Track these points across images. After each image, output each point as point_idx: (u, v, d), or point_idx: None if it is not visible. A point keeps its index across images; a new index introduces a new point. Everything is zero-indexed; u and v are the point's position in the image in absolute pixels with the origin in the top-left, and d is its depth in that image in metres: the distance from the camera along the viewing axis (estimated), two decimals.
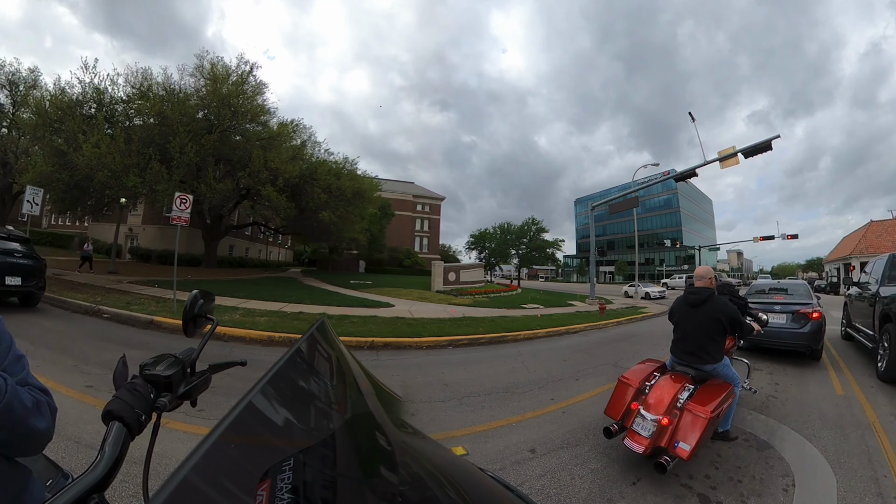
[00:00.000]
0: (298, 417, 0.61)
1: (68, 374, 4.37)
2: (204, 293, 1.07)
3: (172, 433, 3.13)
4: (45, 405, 0.82)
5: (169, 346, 5.20)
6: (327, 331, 0.85)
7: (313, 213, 20.54)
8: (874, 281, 7.32)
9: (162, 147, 15.64)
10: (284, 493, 0.47)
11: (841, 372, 6.39)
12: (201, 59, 18.34)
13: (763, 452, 3.39)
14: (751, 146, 15.74)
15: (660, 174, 27.84)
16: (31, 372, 0.91)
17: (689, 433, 2.76)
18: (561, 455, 3.27)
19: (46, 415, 0.81)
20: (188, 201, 9.63)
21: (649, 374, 3.43)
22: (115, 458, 0.66)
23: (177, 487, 0.32)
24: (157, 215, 28.88)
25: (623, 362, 6.71)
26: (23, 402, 0.74)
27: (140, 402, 0.76)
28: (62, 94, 16.04)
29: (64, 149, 14.73)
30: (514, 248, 45.29)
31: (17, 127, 24.72)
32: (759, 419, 4.18)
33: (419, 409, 4.23)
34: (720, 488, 2.80)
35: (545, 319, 11.63)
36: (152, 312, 8.17)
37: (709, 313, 3.38)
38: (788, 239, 35.96)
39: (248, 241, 41.59)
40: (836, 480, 2.94)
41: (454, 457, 1.05)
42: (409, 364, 6.27)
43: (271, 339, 7.06)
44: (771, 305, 7.19)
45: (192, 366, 0.92)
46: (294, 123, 21.92)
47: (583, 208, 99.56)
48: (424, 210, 61.46)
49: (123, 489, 2.25)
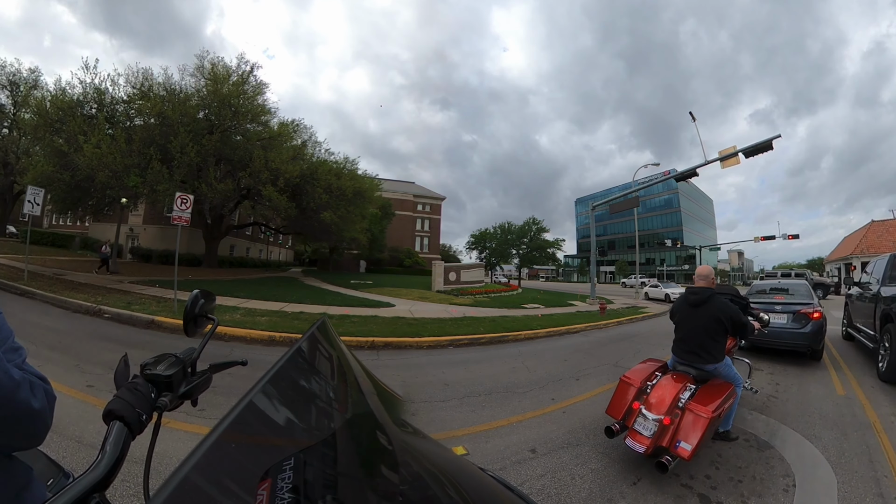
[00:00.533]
0: (299, 417, 0.61)
1: (69, 374, 4.37)
2: (205, 293, 1.07)
3: (173, 433, 3.14)
4: (41, 388, 0.79)
5: (170, 345, 5.20)
6: (328, 330, 0.85)
7: (314, 213, 20.55)
8: (875, 281, 7.32)
9: (163, 147, 15.65)
10: (285, 493, 0.47)
11: (842, 372, 6.38)
12: (202, 59, 18.37)
13: (764, 452, 3.39)
14: (751, 146, 15.73)
15: (660, 174, 27.83)
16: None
17: (690, 433, 2.76)
18: (561, 455, 3.27)
19: (41, 397, 0.77)
20: (189, 201, 9.63)
21: (651, 373, 3.43)
22: (117, 458, 0.66)
23: (177, 487, 0.32)
24: (157, 215, 28.91)
25: (624, 362, 6.71)
26: (9, 374, 0.70)
27: (141, 401, 0.76)
28: (63, 94, 16.05)
29: (65, 149, 14.74)
30: (515, 248, 45.27)
31: (18, 127, 24.81)
32: (760, 419, 4.17)
33: (419, 409, 4.23)
34: (721, 488, 2.79)
35: (546, 319, 11.63)
36: (153, 312, 8.18)
37: (710, 313, 3.39)
38: (789, 239, 35.96)
39: (249, 241, 41.63)
40: (836, 481, 2.94)
41: (455, 456, 1.05)
42: (409, 364, 6.27)
43: (272, 339, 7.06)
44: (772, 305, 7.18)
45: (193, 365, 0.92)
46: (294, 123, 21.95)
47: (583, 208, 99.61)
48: (425, 210, 61.48)
49: (124, 488, 2.26)
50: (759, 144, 15.56)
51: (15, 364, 0.77)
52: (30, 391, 0.74)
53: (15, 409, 0.70)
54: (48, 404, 0.79)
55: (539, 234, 44.59)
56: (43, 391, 0.79)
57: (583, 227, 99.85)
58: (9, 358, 0.78)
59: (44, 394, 0.79)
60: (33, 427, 0.76)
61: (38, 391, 0.77)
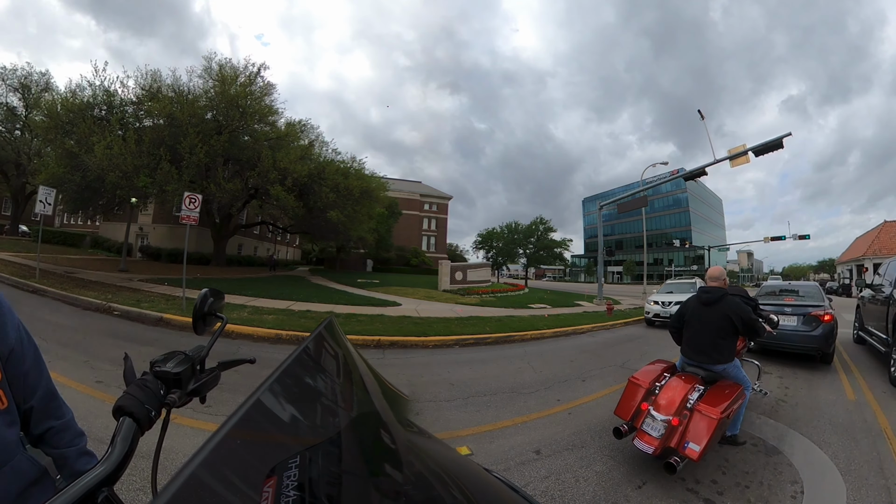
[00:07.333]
0: (305, 415, 0.62)
1: (79, 370, 4.44)
2: (214, 291, 1.08)
3: (181, 429, 3.17)
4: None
5: (178, 343, 5.27)
6: (335, 329, 0.86)
7: (321, 212, 20.66)
8: (888, 283, 7.18)
9: (172, 148, 15.81)
10: (290, 490, 0.48)
11: (852, 376, 6.28)
12: (209, 60, 18.55)
13: (771, 458, 3.35)
14: (762, 144, 15.53)
15: (668, 173, 27.56)
16: (45, 368, 0.94)
17: (698, 434, 2.75)
18: (566, 457, 3.26)
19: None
20: (197, 201, 9.72)
21: (659, 374, 3.42)
22: (125, 453, 0.67)
23: (185, 482, 0.32)
24: (167, 214, 29.19)
25: (631, 363, 6.66)
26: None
27: (150, 398, 0.77)
28: (73, 97, 16.29)
29: (76, 151, 14.94)
30: (522, 248, 45.16)
31: (29, 129, 25.16)
32: (769, 423, 4.12)
33: (424, 409, 4.24)
34: (727, 493, 2.76)
35: (552, 319, 11.58)
36: (162, 310, 8.27)
37: (721, 312, 3.38)
38: (799, 239, 35.36)
39: (257, 240, 41.92)
40: (845, 488, 2.89)
41: (459, 456, 1.05)
42: (415, 363, 6.28)
43: (279, 338, 7.11)
44: (782, 307, 7.09)
45: (202, 363, 0.93)
46: (302, 123, 22.13)
47: (591, 207, 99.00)
48: (432, 209, 61.53)
49: (131, 483, 2.29)
50: (769, 143, 15.35)
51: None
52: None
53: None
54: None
55: (546, 233, 44.45)
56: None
57: (590, 226, 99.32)
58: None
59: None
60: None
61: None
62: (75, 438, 0.95)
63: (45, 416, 0.90)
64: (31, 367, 0.88)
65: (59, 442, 0.92)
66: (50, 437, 0.91)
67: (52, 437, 0.91)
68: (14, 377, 0.84)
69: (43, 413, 0.90)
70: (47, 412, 0.91)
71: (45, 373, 0.92)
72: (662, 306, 11.90)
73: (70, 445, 0.93)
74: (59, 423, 0.93)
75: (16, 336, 0.85)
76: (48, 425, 0.91)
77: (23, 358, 0.86)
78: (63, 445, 0.92)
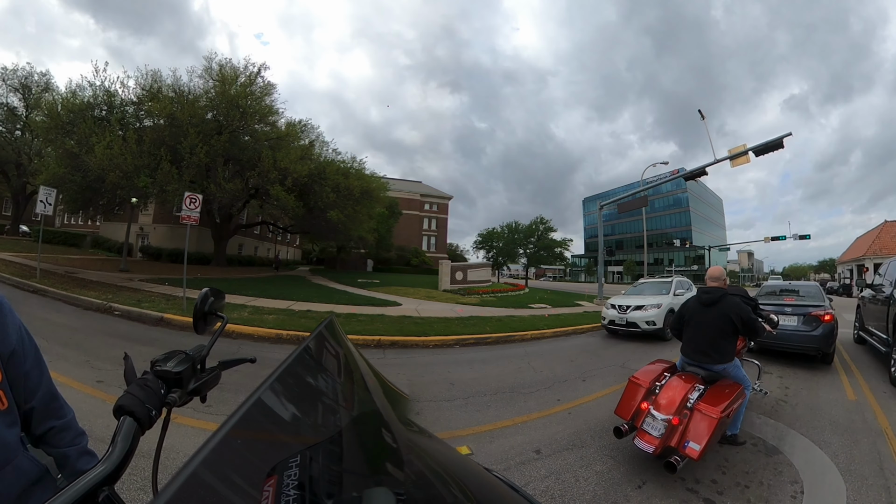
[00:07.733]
0: (306, 414, 0.62)
1: (80, 370, 4.45)
2: (214, 291, 1.08)
3: (181, 428, 3.17)
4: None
5: (179, 342, 5.26)
6: (335, 329, 0.86)
7: (322, 212, 20.66)
8: (888, 283, 7.18)
9: (172, 148, 15.82)
10: (291, 489, 0.48)
11: (853, 376, 6.28)
12: (209, 60, 18.55)
13: (772, 458, 3.35)
14: (762, 144, 15.54)
15: (668, 173, 27.56)
16: (46, 369, 0.94)
17: (699, 433, 2.76)
18: (566, 456, 3.26)
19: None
20: (198, 201, 9.73)
21: (660, 374, 3.43)
22: (126, 452, 0.68)
23: (186, 481, 0.32)
24: (167, 214, 29.19)
25: (631, 363, 6.66)
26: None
27: (151, 397, 0.77)
28: (73, 97, 16.30)
29: (76, 151, 14.94)
30: (522, 248, 45.15)
31: (30, 129, 25.19)
32: (769, 423, 4.12)
33: (425, 408, 4.24)
34: (727, 493, 2.76)
35: (552, 319, 11.58)
36: (162, 310, 8.28)
37: (721, 312, 3.39)
38: (800, 239, 35.37)
39: (257, 240, 41.93)
40: (845, 488, 2.89)
41: (460, 456, 1.05)
42: (415, 363, 6.29)
43: (279, 337, 7.11)
44: (782, 307, 7.09)
45: (202, 362, 0.93)
46: (302, 123, 22.12)
47: (592, 207, 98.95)
48: (432, 209, 61.53)
49: (131, 482, 2.29)
50: (769, 143, 15.36)
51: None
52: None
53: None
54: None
55: (546, 233, 44.43)
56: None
57: (590, 226, 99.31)
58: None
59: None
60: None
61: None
62: (76, 438, 0.95)
63: (46, 416, 0.90)
64: (32, 367, 0.88)
65: (60, 441, 0.92)
66: (51, 436, 0.91)
67: (54, 437, 0.91)
68: (15, 378, 0.84)
69: (44, 413, 0.90)
70: (48, 412, 0.91)
71: (45, 373, 0.93)
72: (619, 311, 9.68)
73: (71, 445, 0.93)
74: (60, 423, 0.93)
75: (17, 337, 0.85)
76: (49, 425, 0.91)
77: (24, 359, 0.86)
78: (64, 445, 0.92)
